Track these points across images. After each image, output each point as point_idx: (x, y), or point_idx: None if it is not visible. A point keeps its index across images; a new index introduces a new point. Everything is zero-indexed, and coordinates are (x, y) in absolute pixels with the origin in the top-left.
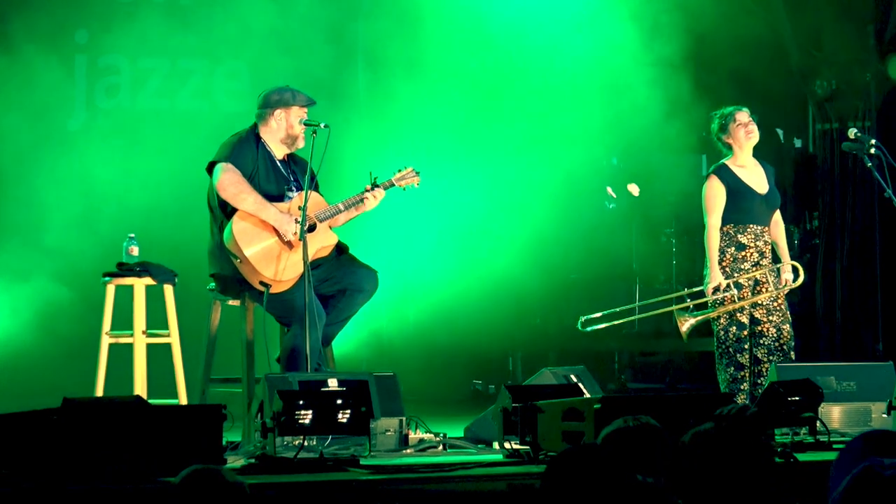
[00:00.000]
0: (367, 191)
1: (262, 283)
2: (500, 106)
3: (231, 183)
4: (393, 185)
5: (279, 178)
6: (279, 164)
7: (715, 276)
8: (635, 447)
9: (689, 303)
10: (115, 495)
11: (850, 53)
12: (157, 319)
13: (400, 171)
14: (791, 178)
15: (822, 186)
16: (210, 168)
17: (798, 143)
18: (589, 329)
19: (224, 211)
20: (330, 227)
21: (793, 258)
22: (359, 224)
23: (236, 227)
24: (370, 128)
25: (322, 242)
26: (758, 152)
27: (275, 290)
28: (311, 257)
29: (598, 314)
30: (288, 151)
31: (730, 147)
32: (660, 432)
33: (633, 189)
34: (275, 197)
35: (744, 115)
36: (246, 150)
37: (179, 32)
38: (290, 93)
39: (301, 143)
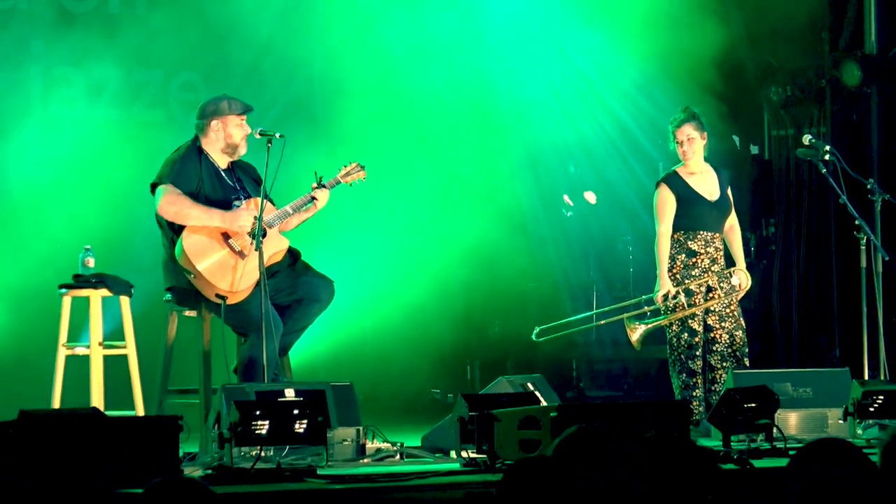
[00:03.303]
0: (314, 189)
1: (217, 295)
2: (456, 115)
3: (170, 203)
4: (339, 182)
5: (225, 188)
6: (223, 173)
7: (664, 284)
8: (586, 452)
9: (647, 309)
10: None
11: (806, 60)
12: (113, 331)
13: (345, 166)
14: (747, 184)
15: (779, 193)
16: (153, 189)
17: (754, 150)
18: (543, 339)
19: (172, 227)
20: (280, 232)
21: (749, 264)
22: (314, 232)
23: (186, 243)
24: (324, 135)
25: (274, 248)
26: (715, 159)
27: (231, 300)
28: (265, 264)
29: (553, 324)
30: (231, 160)
31: None
32: (609, 435)
33: (590, 197)
34: (222, 206)
35: (681, 133)
36: (188, 166)
37: (135, 43)
38: (225, 101)
39: (243, 150)
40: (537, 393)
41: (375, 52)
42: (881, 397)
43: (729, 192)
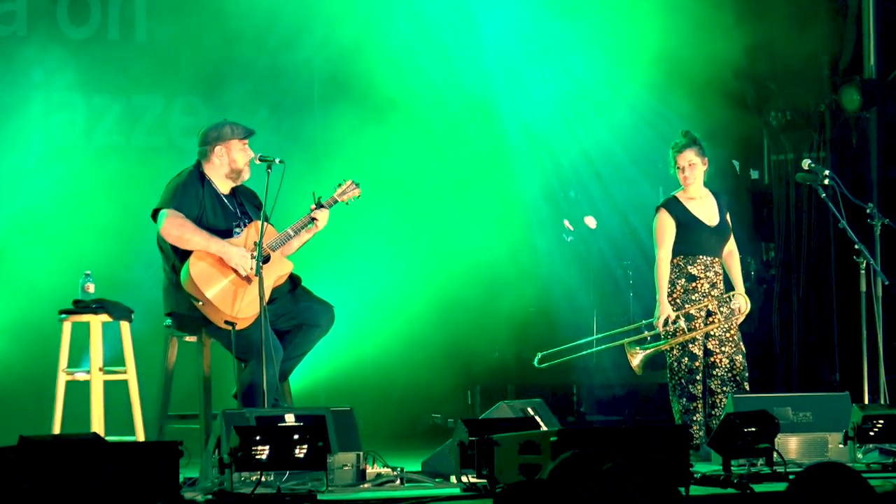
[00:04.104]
0: (313, 210)
1: (227, 322)
2: (458, 139)
3: (174, 226)
4: (337, 201)
5: (227, 214)
6: (225, 199)
7: (664, 309)
8: (581, 474)
9: (647, 334)
10: None
11: (805, 84)
12: (113, 356)
13: (340, 184)
14: (747, 209)
15: (778, 217)
16: (155, 214)
17: (754, 175)
18: (545, 365)
19: (175, 252)
20: (283, 255)
21: (749, 289)
22: (314, 257)
23: (194, 270)
24: (326, 158)
25: (278, 272)
26: (714, 184)
27: (238, 327)
28: (269, 287)
29: (554, 350)
30: (233, 185)
31: None
32: (598, 457)
33: (591, 222)
34: (223, 232)
35: (682, 159)
36: (190, 192)
37: (134, 69)
38: (227, 126)
39: (246, 176)
40: (537, 418)
41: (377, 68)
42: (881, 422)
43: (728, 217)
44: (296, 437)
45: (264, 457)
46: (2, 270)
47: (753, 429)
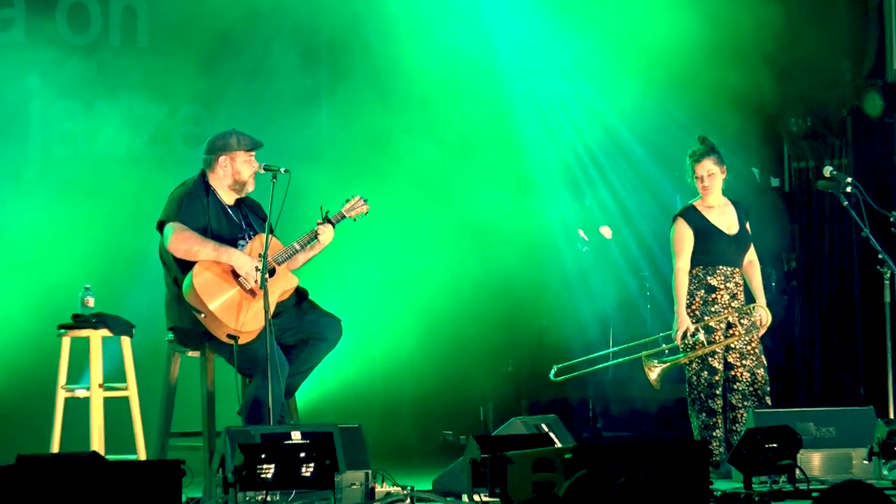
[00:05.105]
0: (319, 225)
1: (229, 335)
2: (468, 148)
3: (180, 240)
4: (344, 216)
5: (231, 226)
6: (230, 210)
7: (683, 321)
8: (593, 491)
9: (664, 347)
10: None
11: (826, 90)
12: (114, 372)
13: (348, 200)
14: (768, 218)
15: (800, 226)
16: (160, 227)
17: (775, 182)
18: (561, 378)
19: (178, 264)
20: (289, 270)
21: (770, 300)
22: (322, 270)
23: (197, 281)
24: (332, 168)
25: (283, 286)
26: (734, 192)
27: (240, 341)
28: (273, 302)
29: (570, 363)
30: (238, 196)
31: None
32: (615, 475)
33: (606, 232)
34: (228, 244)
35: (701, 168)
36: (195, 203)
37: (135, 77)
38: (234, 137)
39: (251, 188)
40: (552, 434)
41: (379, 78)
42: None
43: (748, 226)
44: (302, 455)
45: (270, 476)
46: None
47: (775, 445)
